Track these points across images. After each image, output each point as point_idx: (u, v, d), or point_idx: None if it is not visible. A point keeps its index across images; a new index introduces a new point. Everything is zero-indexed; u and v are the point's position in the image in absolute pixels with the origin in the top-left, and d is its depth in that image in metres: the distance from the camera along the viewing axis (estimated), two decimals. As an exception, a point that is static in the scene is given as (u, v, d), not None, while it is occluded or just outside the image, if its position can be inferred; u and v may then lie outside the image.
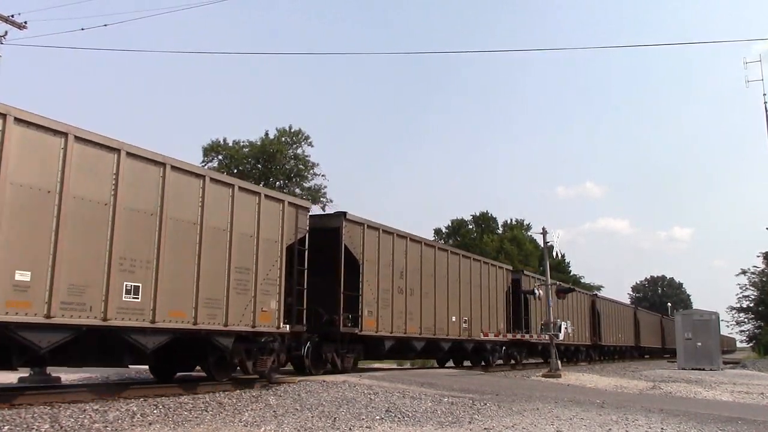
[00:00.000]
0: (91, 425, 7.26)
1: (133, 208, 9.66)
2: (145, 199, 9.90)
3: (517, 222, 73.72)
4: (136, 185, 9.77)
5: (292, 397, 10.04)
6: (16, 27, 24.53)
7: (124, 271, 9.42)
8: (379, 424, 8.01)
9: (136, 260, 9.62)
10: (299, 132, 48.71)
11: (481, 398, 10.95)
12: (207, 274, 10.84)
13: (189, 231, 10.65)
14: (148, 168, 10.02)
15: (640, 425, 8.66)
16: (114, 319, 9.19)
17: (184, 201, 10.60)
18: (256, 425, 7.59)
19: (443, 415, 9.06)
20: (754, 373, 26.81)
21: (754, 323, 73.08)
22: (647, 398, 13.50)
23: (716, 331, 29.46)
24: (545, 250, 21.37)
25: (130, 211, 9.61)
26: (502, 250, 60.47)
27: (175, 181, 10.40)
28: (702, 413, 10.30)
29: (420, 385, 12.59)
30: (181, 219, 10.46)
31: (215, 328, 10.99)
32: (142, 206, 9.83)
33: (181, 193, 10.52)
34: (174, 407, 8.70)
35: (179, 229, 10.42)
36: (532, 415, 9.25)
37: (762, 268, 65.58)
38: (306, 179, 48.58)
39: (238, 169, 45.35)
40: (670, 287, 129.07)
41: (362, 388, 11.35)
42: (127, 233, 9.50)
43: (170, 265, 10.13)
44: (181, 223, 10.47)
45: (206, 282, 10.80)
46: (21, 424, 7.06)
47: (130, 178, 9.64)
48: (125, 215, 9.51)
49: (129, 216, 9.58)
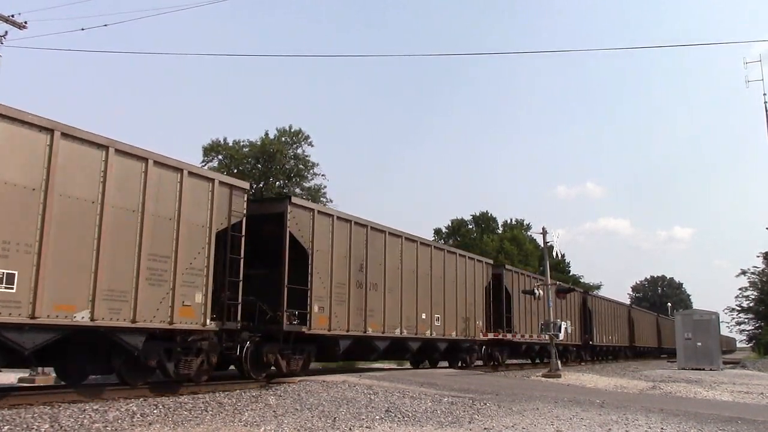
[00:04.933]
0: (91, 425, 7.27)
1: (8, 182, 8.25)
2: (24, 172, 8.39)
3: (517, 222, 73.73)
4: (13, 155, 8.30)
5: (292, 397, 10.04)
6: (16, 27, 24.58)
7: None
8: (379, 424, 8.01)
9: (11, 243, 8.17)
10: (299, 132, 48.73)
11: (481, 398, 10.95)
12: (109, 263, 9.33)
13: (86, 211, 9.15)
14: (32, 135, 8.51)
15: (640, 425, 8.66)
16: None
17: (81, 175, 9.10)
18: (256, 425, 7.59)
19: (443, 414, 9.06)
20: (754, 373, 26.81)
21: (754, 323, 73.14)
22: (647, 398, 13.49)
23: (716, 331, 29.50)
24: (545, 250, 21.37)
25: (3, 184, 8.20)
26: (502, 250, 60.42)
27: (68, 151, 8.90)
28: (702, 413, 10.30)
29: (420, 385, 12.58)
30: (74, 197, 8.98)
31: (119, 324, 9.49)
32: (20, 180, 8.36)
33: (75, 166, 9.01)
34: (174, 407, 8.70)
35: (72, 209, 8.95)
36: (532, 414, 9.24)
37: (762, 268, 65.62)
38: (306, 179, 48.61)
39: (238, 168, 45.33)
40: (670, 287, 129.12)
41: (362, 388, 11.35)
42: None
43: (57, 250, 8.65)
44: (75, 201, 9.00)
45: (107, 271, 9.30)
46: (21, 424, 7.06)
47: (5, 146, 8.19)
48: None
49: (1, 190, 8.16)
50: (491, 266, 23.77)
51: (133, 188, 9.89)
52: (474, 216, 73.92)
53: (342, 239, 14.90)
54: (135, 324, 9.69)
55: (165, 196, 10.43)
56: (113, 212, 9.52)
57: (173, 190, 10.59)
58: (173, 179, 10.61)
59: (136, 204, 9.92)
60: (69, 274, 8.82)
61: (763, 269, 65.74)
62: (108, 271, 9.33)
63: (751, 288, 70.99)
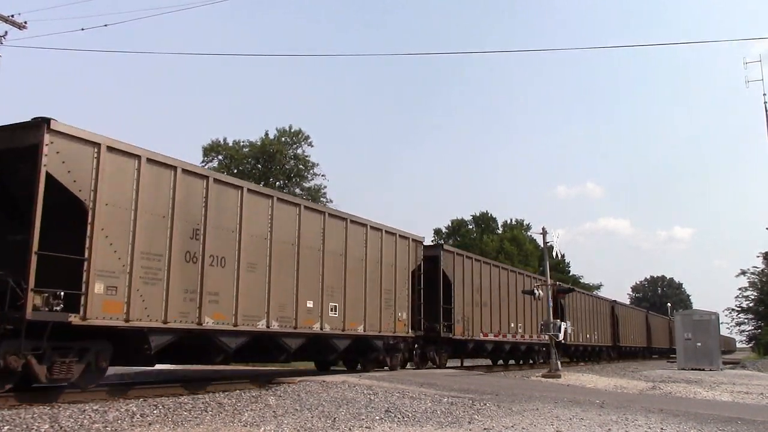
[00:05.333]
0: (91, 425, 7.26)
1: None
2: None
3: (517, 222, 73.78)
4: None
5: (291, 398, 10.04)
6: (16, 27, 24.57)
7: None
8: (378, 425, 8.01)
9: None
10: (299, 132, 48.70)
11: (481, 398, 10.95)
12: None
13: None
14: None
15: (639, 425, 8.66)
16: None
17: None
18: (255, 425, 7.58)
19: (443, 415, 9.06)
20: (753, 373, 26.83)
21: (753, 323, 73.18)
22: (647, 398, 13.49)
23: (716, 331, 29.51)
24: (545, 250, 21.39)
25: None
26: (502, 250, 60.46)
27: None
28: (702, 413, 10.30)
29: (419, 385, 12.59)
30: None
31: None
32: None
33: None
34: (174, 407, 8.70)
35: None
36: (532, 415, 9.24)
37: (762, 268, 65.67)
38: (306, 179, 48.58)
39: (238, 169, 45.34)
40: (670, 287, 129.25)
41: (362, 389, 11.35)
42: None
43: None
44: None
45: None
46: (21, 424, 7.06)
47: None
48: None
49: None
50: (422, 246, 19.11)
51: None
52: (474, 216, 74.06)
53: (157, 191, 10.74)
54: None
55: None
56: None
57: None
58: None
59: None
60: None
61: (763, 269, 65.84)
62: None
63: (751, 288, 71.07)
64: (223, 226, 11.93)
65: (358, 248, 15.91)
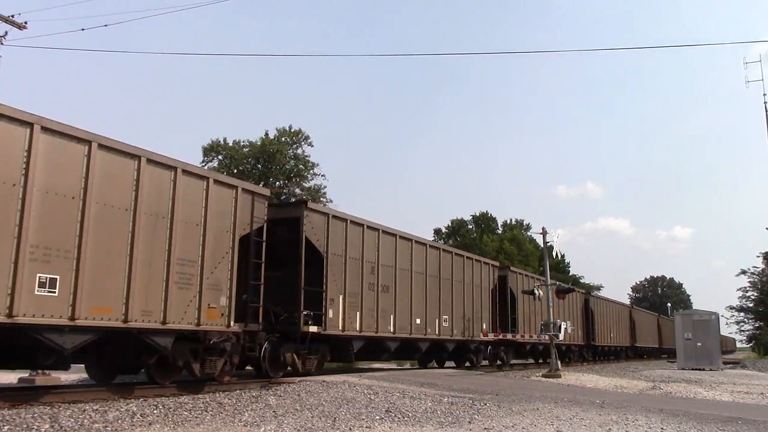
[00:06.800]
0: (91, 425, 7.26)
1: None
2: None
3: (517, 222, 73.75)
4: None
5: (292, 397, 10.04)
6: (16, 27, 24.54)
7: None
8: (379, 424, 8.00)
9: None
10: (299, 132, 48.67)
11: (481, 398, 10.95)
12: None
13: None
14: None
15: (639, 425, 8.66)
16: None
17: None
18: (256, 425, 7.58)
19: (443, 415, 9.06)
20: (754, 373, 26.82)
21: (753, 323, 73.18)
22: (647, 398, 13.50)
23: (716, 331, 29.49)
24: (545, 250, 21.39)
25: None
26: (501, 250, 60.42)
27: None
28: (702, 413, 10.29)
29: (420, 385, 12.59)
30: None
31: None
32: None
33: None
34: (174, 407, 8.70)
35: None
36: (532, 415, 9.24)
37: (762, 268, 65.64)
38: (306, 179, 48.54)
39: (238, 169, 45.31)
40: (670, 287, 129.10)
41: (362, 388, 11.35)
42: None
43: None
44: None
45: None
46: (21, 424, 7.05)
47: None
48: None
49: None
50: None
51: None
52: (474, 216, 73.97)
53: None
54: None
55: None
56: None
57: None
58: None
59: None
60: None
61: (763, 269, 65.78)
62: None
63: (751, 288, 71.04)
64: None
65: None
